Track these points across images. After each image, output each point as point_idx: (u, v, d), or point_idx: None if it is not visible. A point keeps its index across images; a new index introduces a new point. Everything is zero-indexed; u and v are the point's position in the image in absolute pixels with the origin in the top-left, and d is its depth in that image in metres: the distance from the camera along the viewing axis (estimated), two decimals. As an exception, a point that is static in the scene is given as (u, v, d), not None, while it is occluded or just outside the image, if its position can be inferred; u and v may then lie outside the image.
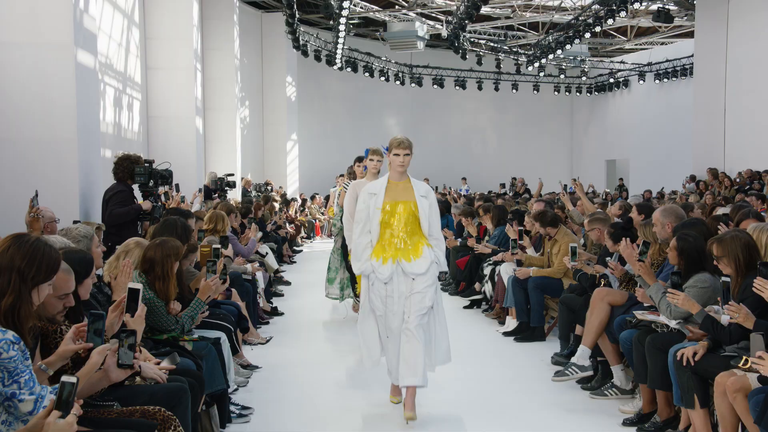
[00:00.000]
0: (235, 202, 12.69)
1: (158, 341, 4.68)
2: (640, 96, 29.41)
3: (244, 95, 21.01)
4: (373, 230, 5.25)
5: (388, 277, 5.12)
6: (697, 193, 17.60)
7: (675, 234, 5.13)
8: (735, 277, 4.26)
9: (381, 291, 5.17)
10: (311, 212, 21.74)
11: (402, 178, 5.35)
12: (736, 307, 3.99)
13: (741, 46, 18.73)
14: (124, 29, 12.74)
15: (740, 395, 3.81)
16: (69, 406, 2.46)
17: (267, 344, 7.53)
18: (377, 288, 5.19)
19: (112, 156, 8.05)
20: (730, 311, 4.00)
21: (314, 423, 5.22)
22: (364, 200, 5.30)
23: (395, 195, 5.26)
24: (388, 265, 5.14)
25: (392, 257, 5.15)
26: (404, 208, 5.23)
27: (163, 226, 5.55)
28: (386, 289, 5.15)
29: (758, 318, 3.96)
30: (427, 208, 5.27)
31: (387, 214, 5.21)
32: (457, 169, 28.71)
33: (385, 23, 25.49)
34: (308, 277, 12.44)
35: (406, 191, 5.31)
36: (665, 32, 27.40)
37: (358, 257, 5.28)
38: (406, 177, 5.37)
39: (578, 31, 21.33)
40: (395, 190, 5.30)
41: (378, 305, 5.18)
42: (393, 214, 5.23)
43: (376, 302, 5.20)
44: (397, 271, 5.14)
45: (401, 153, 5.26)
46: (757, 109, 17.90)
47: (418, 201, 5.24)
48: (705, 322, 4.30)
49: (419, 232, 5.25)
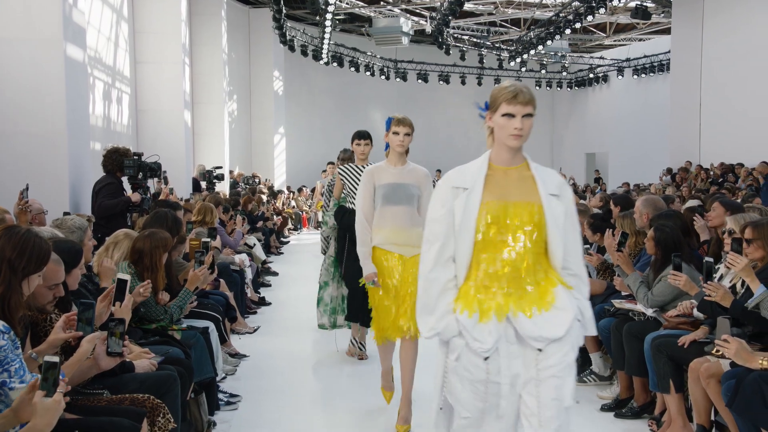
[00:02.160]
0: (223, 195, 12.64)
1: (147, 331, 4.67)
2: (618, 91, 29.52)
3: (232, 89, 20.93)
4: (460, 257, 2.83)
5: (491, 347, 2.73)
6: (674, 185, 17.72)
7: (652, 225, 5.17)
8: None
9: (477, 371, 2.75)
10: (298, 204, 21.72)
11: (515, 161, 2.93)
12: (714, 286, 4.05)
13: (716, 43, 18.86)
14: (112, 24, 12.64)
15: (713, 380, 3.85)
16: (54, 385, 2.44)
17: (255, 333, 7.53)
18: (468, 366, 2.76)
19: (102, 149, 7.99)
20: (709, 290, 4.06)
21: (301, 410, 5.22)
22: (443, 201, 2.86)
23: (504, 191, 2.86)
24: (491, 323, 2.75)
25: (498, 309, 2.76)
26: (525, 215, 2.82)
27: (154, 218, 5.52)
28: (486, 369, 2.75)
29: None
30: (561, 217, 2.85)
31: (491, 227, 2.81)
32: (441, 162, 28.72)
33: (370, 19, 25.45)
34: (295, 267, 12.45)
35: (524, 184, 2.89)
36: (643, 29, 27.49)
37: (430, 308, 2.83)
38: (520, 157, 2.95)
39: (559, 27, 21.37)
40: (503, 183, 2.89)
41: (468, 401, 2.78)
42: (502, 225, 2.81)
43: (463, 395, 2.78)
44: (507, 335, 2.77)
45: (521, 113, 2.85)
46: (731, 103, 18.03)
47: (546, 203, 2.83)
48: (702, 304, 4.34)
49: (546, 261, 2.86)
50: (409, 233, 4.67)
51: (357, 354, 6.46)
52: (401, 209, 4.72)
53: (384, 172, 4.80)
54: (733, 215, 4.75)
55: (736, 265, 3.97)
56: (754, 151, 16.10)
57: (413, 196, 4.76)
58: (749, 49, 17.59)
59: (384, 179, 4.76)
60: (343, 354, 6.58)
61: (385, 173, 4.79)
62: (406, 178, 4.78)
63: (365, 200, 4.81)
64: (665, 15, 23.30)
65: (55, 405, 2.43)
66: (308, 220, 21.34)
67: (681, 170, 18.41)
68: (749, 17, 17.82)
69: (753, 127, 17.14)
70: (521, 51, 25.62)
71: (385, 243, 4.70)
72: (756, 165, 15.26)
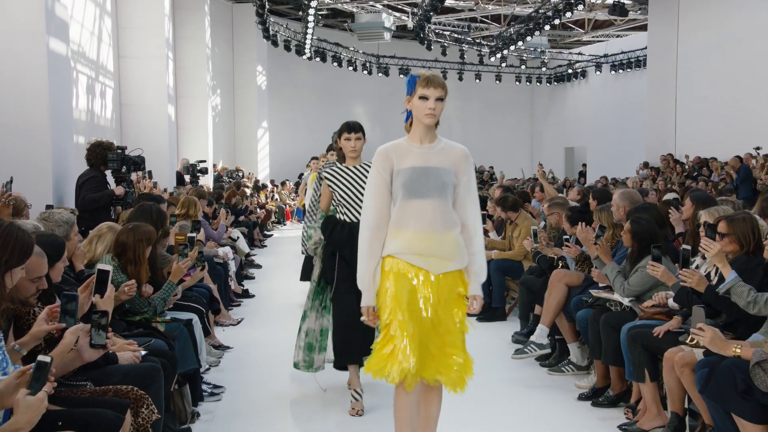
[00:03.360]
0: (206, 188, 12.58)
1: (131, 323, 4.64)
2: (596, 86, 29.64)
3: (216, 84, 20.83)
4: None
5: None
6: (650, 179, 17.86)
7: (629, 218, 5.21)
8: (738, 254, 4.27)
9: None
10: (281, 198, 21.67)
11: None
12: (689, 273, 4.11)
13: (691, 40, 19.01)
14: (96, 18, 12.52)
15: (687, 369, 3.89)
16: (41, 384, 2.43)
17: (238, 325, 7.51)
18: None
19: (85, 142, 7.93)
20: (684, 276, 4.10)
21: (284, 401, 5.22)
22: None
23: None
24: None
25: None
26: None
27: (138, 211, 5.49)
28: None
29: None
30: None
31: None
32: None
33: (352, 14, 25.39)
34: (278, 260, 12.42)
35: None
36: (620, 25, 27.62)
37: None
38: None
39: (538, 23, 21.41)
40: None
41: None
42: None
43: None
44: None
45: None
46: (706, 99, 18.20)
47: None
48: (679, 293, 4.39)
49: None
50: (441, 239, 3.38)
51: (359, 410, 4.84)
52: (430, 204, 3.38)
53: (405, 153, 3.44)
54: (707, 208, 4.79)
55: (710, 251, 4.03)
56: (728, 145, 16.25)
57: (447, 185, 3.41)
58: (723, 45, 17.75)
59: (405, 162, 3.41)
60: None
61: (407, 154, 3.43)
62: (437, 160, 3.43)
63: (378, 192, 3.42)
64: (642, 12, 23.43)
65: (38, 403, 2.42)
66: (291, 214, 21.32)
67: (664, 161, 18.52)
68: (723, 14, 17.98)
69: (727, 121, 17.32)
70: (501, 47, 25.66)
71: (406, 252, 3.38)
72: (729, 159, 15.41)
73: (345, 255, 4.76)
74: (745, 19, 17.30)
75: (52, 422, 2.79)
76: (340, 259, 4.83)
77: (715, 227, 4.22)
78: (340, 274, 4.84)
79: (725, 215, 4.34)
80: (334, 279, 4.88)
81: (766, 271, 4.05)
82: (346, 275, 4.75)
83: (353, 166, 4.87)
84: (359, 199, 4.66)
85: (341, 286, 4.82)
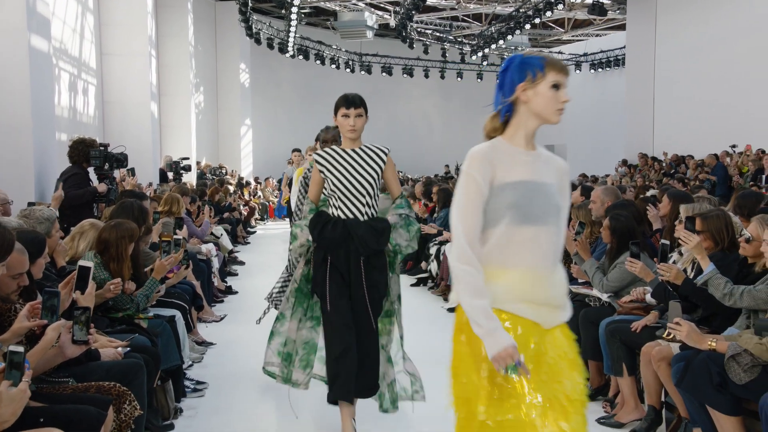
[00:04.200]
0: (190, 186, 12.52)
1: (114, 319, 4.61)
2: (576, 85, 29.72)
3: (199, 81, 20.71)
4: None
5: None
6: (628, 176, 17.98)
7: (608, 214, 5.24)
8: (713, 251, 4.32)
9: None
10: (264, 195, 21.61)
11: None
12: (667, 267, 4.15)
13: (668, 40, 19.18)
14: (78, 15, 12.40)
15: (664, 363, 3.93)
16: (19, 374, 2.40)
17: (221, 322, 7.48)
18: None
19: (68, 139, 7.85)
20: (662, 270, 4.15)
21: (267, 396, 5.21)
22: None
23: None
24: None
25: None
26: None
27: (121, 208, 5.45)
28: None
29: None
30: None
31: None
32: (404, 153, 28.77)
33: (335, 13, 25.33)
34: (261, 257, 12.38)
35: None
36: (600, 25, 27.76)
37: None
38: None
39: (519, 22, 21.49)
40: None
41: None
42: None
43: None
44: None
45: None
46: (683, 98, 18.36)
47: None
48: (657, 289, 4.43)
49: None
50: (553, 281, 2.52)
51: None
52: (545, 232, 2.51)
53: (511, 160, 2.51)
54: (685, 204, 4.84)
55: (689, 243, 4.06)
56: (704, 143, 16.41)
57: (561, 208, 2.59)
58: (700, 45, 17.92)
59: (513, 173, 2.48)
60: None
61: (514, 162, 2.51)
62: (546, 174, 2.57)
63: (471, 210, 2.44)
64: (620, 12, 23.55)
65: (20, 394, 2.40)
66: (274, 211, 21.27)
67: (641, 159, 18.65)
68: (700, 15, 18.14)
69: (703, 120, 17.48)
70: (482, 45, 25.71)
71: (514, 300, 2.46)
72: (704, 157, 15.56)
73: (339, 263, 3.95)
74: (721, 21, 17.47)
75: (34, 418, 2.77)
76: (333, 268, 3.97)
77: (694, 220, 4.26)
78: (333, 287, 3.94)
79: (699, 213, 4.38)
80: (326, 293, 3.94)
81: (741, 267, 4.10)
82: (341, 290, 3.94)
83: (351, 149, 4.01)
84: (357, 191, 3.98)
85: (336, 304, 3.92)
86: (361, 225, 3.96)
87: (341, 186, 3.98)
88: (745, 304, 3.79)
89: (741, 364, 3.39)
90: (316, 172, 4.04)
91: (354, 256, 3.95)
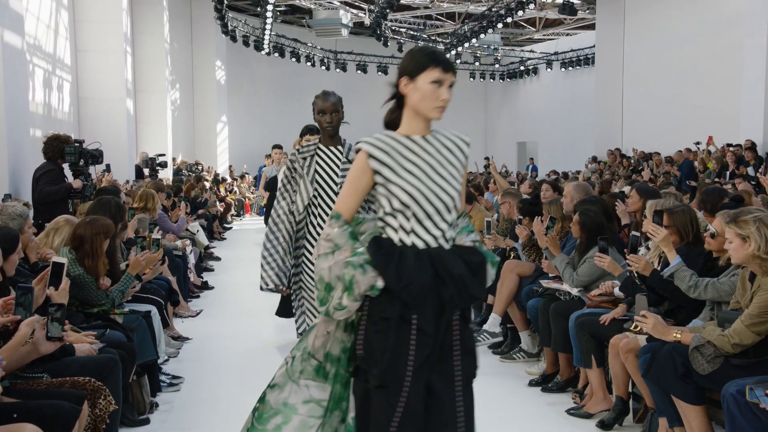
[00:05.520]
0: (166, 182, 12.41)
1: (89, 315, 4.56)
2: (547, 83, 29.98)
3: (175, 78, 20.53)
4: None
5: None
6: (598, 172, 18.15)
7: (577, 210, 5.29)
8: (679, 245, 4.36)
9: None
10: (241, 191, 21.50)
11: None
12: (636, 258, 4.21)
13: (636, 39, 19.41)
14: (52, 11, 12.23)
15: (631, 355, 3.97)
16: None
17: (197, 317, 7.43)
18: None
19: (42, 135, 7.75)
20: (631, 262, 4.20)
21: (242, 391, 5.18)
22: None
23: None
24: None
25: None
26: None
27: (98, 205, 5.38)
28: None
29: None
30: None
31: None
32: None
33: (310, 11, 25.24)
34: (237, 253, 12.32)
35: None
36: (570, 24, 27.95)
37: None
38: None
39: (491, 21, 21.56)
40: None
41: None
42: None
43: None
44: None
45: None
46: (651, 95, 18.60)
47: None
48: (625, 283, 4.49)
49: None
50: None
51: None
52: None
53: None
54: (652, 200, 4.89)
55: (657, 236, 4.12)
56: (671, 139, 16.62)
57: None
58: (667, 45, 18.15)
59: None
60: (285, 335, 6.54)
61: None
62: None
63: None
64: (590, 11, 23.74)
65: None
66: (251, 207, 21.18)
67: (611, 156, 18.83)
68: (667, 15, 18.37)
69: (669, 117, 17.72)
70: (456, 44, 25.77)
71: None
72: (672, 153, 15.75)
73: (427, 323, 2.38)
74: (686, 20, 17.71)
75: (7, 414, 2.74)
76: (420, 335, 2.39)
77: (662, 214, 4.31)
78: (417, 369, 2.38)
79: (665, 208, 4.44)
80: (403, 382, 2.35)
81: (706, 260, 4.16)
82: (429, 371, 2.40)
83: (422, 136, 2.58)
84: (440, 201, 2.47)
85: (414, 408, 2.36)
86: (452, 258, 2.44)
87: (415, 192, 2.45)
88: (709, 297, 3.85)
89: (704, 355, 3.44)
90: (362, 170, 2.47)
91: (448, 311, 2.42)
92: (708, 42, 16.77)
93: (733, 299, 3.66)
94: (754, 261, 3.42)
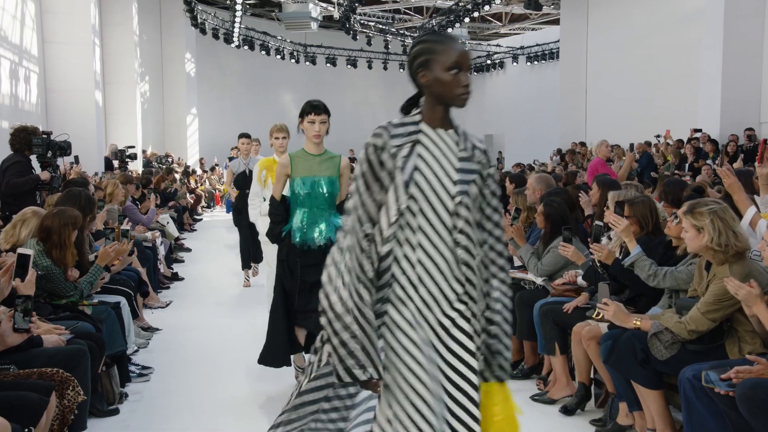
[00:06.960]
0: (135, 174, 12.26)
1: (57, 306, 4.49)
2: (514, 77, 30.14)
3: (144, 70, 20.26)
4: None
5: None
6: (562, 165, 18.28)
7: (542, 201, 5.33)
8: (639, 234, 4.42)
9: None
10: (211, 183, 21.32)
11: None
12: (599, 247, 4.27)
13: (598, 34, 19.61)
14: (18, 2, 11.98)
15: (593, 342, 4.02)
16: None
17: (167, 308, 7.37)
18: None
19: (9, 127, 7.59)
20: (594, 251, 4.26)
21: (211, 379, 5.15)
22: None
23: None
24: None
25: None
26: None
27: (67, 196, 5.30)
28: None
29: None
30: None
31: None
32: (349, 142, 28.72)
33: (280, 4, 25.03)
34: (207, 244, 12.23)
35: None
36: (535, 19, 28.11)
37: None
38: None
39: (458, 15, 21.60)
40: None
41: None
42: None
43: None
44: None
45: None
46: (613, 89, 18.81)
47: None
48: (588, 272, 4.54)
49: None
50: None
51: None
52: None
53: None
54: (613, 191, 4.95)
55: (618, 227, 4.17)
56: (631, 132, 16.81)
57: None
58: (628, 40, 18.36)
59: None
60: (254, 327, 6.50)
61: None
62: None
63: None
64: (555, 7, 23.89)
65: None
66: (221, 198, 21.01)
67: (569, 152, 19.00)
68: (629, 11, 18.57)
69: (628, 111, 17.95)
70: (424, 38, 25.79)
71: None
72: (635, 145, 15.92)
73: None
74: (644, 17, 17.93)
75: (-27, 407, 2.69)
76: None
77: (624, 205, 4.37)
78: None
79: (626, 199, 4.49)
80: None
81: (666, 250, 4.22)
82: None
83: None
84: None
85: None
86: None
87: None
88: (668, 285, 3.91)
89: (662, 341, 3.50)
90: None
91: None
92: (668, 38, 16.99)
93: (691, 287, 3.72)
94: (707, 252, 3.48)
